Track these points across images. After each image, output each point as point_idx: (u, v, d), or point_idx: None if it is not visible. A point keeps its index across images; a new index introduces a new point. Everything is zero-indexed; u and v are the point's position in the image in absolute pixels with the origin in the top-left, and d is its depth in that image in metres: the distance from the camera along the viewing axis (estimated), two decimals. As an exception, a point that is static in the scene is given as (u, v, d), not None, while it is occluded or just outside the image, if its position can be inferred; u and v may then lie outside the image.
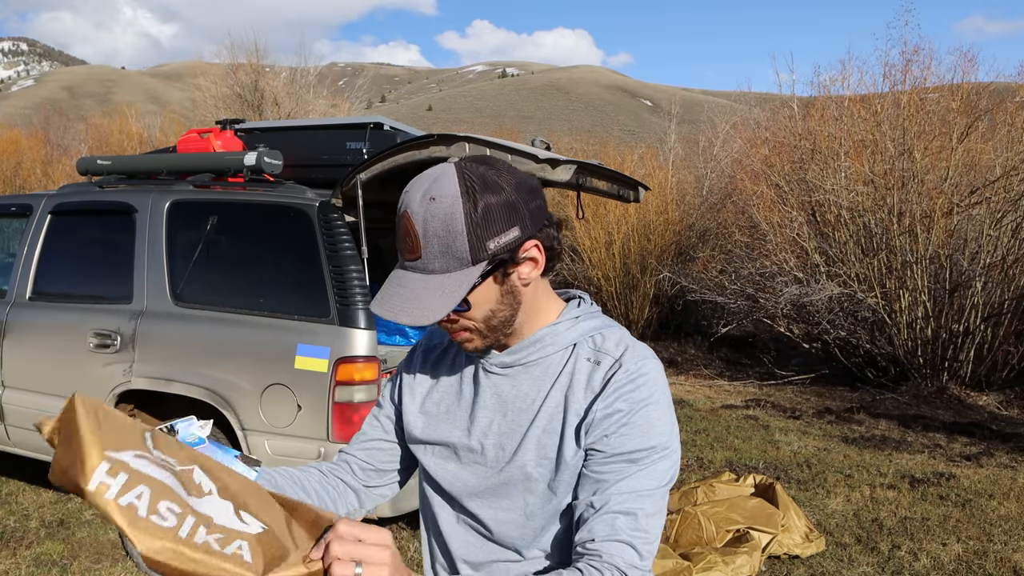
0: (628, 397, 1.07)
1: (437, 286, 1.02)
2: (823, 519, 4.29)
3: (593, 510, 1.04)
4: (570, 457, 1.08)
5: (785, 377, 8.56)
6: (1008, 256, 7.74)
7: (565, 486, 1.09)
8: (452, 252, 1.01)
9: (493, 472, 1.13)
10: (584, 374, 1.11)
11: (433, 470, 1.19)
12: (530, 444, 1.10)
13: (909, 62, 8.70)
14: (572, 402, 1.09)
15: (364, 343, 3.09)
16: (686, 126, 21.24)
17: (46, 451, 3.89)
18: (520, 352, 1.13)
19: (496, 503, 1.14)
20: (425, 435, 1.20)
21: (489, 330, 1.09)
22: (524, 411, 1.12)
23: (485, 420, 1.14)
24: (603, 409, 1.07)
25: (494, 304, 1.07)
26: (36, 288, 3.99)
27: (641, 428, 1.06)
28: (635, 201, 3.78)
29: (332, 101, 22.66)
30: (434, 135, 3.06)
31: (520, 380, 1.14)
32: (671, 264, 10.87)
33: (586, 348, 1.13)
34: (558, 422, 1.10)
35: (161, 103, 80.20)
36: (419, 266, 1.03)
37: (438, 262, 1.01)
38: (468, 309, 1.06)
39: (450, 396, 1.20)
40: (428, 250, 1.01)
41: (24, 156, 21.29)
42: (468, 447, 1.15)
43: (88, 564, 3.65)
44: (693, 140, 16.39)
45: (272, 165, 3.69)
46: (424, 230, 1.00)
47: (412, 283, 1.03)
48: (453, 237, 1.00)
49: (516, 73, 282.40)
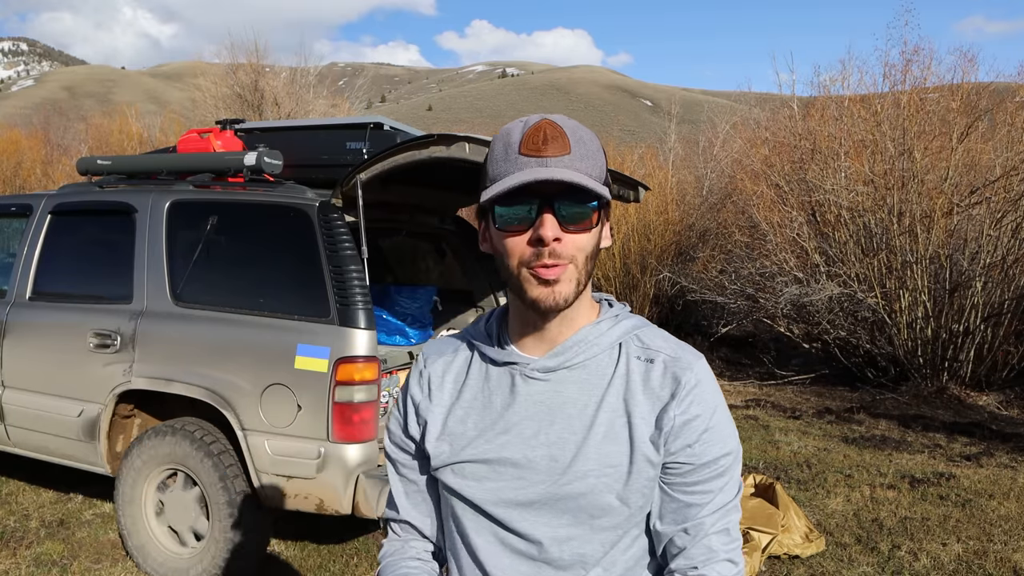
0: (702, 401, 1.04)
1: (588, 180, 0.98)
2: (823, 519, 4.29)
3: (688, 536, 1.04)
4: (644, 466, 1.03)
5: (785, 377, 8.56)
6: (1008, 256, 7.74)
7: (638, 496, 1.04)
8: (596, 160, 1.01)
9: (547, 486, 1.04)
10: (639, 374, 1.06)
11: (467, 491, 1.09)
12: (590, 453, 1.03)
13: (909, 62, 8.71)
14: (635, 406, 1.04)
15: (364, 343, 3.08)
16: (686, 126, 21.24)
17: (46, 451, 3.89)
18: (563, 354, 1.07)
19: (555, 519, 1.05)
20: (453, 457, 1.10)
21: (583, 272, 1.02)
22: (576, 418, 1.05)
23: (529, 430, 1.06)
24: (681, 415, 1.03)
25: (596, 243, 1.03)
26: (36, 288, 3.98)
27: (719, 432, 1.04)
28: (635, 201, 3.78)
29: (332, 101, 22.66)
30: (434, 135, 3.06)
31: (565, 385, 1.07)
32: (671, 264, 10.87)
33: (633, 346, 1.08)
34: (622, 428, 1.04)
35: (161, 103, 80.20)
36: (566, 162, 0.99)
37: (586, 163, 1.00)
38: (596, 225, 1.02)
39: (476, 411, 1.10)
40: (578, 149, 1.00)
41: (24, 156, 21.27)
42: (511, 461, 1.06)
43: (88, 564, 3.65)
44: (693, 140, 16.39)
45: (272, 165, 3.68)
46: (573, 132, 1.00)
47: (565, 172, 0.97)
48: (596, 147, 1.03)
49: (516, 73, 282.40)
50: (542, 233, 0.97)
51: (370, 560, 3.74)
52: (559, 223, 0.99)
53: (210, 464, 3.29)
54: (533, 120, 1.01)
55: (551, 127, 0.99)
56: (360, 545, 3.91)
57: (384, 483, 3.07)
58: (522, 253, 1.00)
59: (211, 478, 3.29)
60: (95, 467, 3.71)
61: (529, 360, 1.08)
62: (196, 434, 3.36)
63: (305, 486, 3.15)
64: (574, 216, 0.99)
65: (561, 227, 0.99)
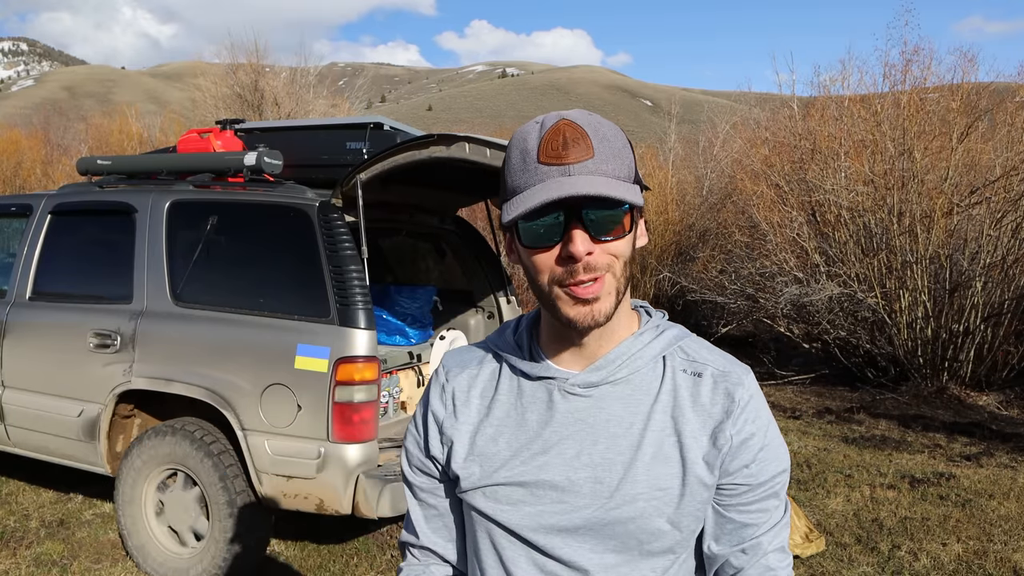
0: (757, 418, 1.00)
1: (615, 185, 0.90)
2: (823, 519, 4.29)
3: (746, 556, 1.02)
4: (698, 487, 0.98)
5: (785, 377, 8.56)
6: (1008, 256, 7.74)
7: (691, 519, 0.99)
8: (622, 157, 0.93)
9: (593, 510, 0.97)
10: (687, 389, 1.00)
11: (502, 517, 1.01)
12: (639, 475, 0.97)
13: (909, 62, 8.71)
14: (684, 424, 0.98)
15: (364, 343, 3.09)
16: (686, 126, 21.25)
17: (46, 451, 3.89)
18: (605, 368, 0.99)
19: (601, 545, 0.98)
20: (485, 480, 1.02)
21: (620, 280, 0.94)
22: (622, 437, 0.98)
23: (571, 450, 0.98)
24: (737, 434, 0.98)
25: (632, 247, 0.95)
26: (36, 288, 3.99)
27: (774, 450, 1.01)
28: (635, 201, 3.77)
29: (332, 101, 22.66)
30: (434, 135, 3.06)
31: (607, 402, 0.99)
32: (671, 264, 10.87)
33: (678, 359, 1.02)
34: (672, 448, 0.98)
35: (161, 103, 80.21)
36: (589, 167, 0.90)
37: (611, 164, 0.91)
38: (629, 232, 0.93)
39: (509, 428, 1.02)
40: (602, 150, 0.91)
41: (24, 156, 21.28)
42: (551, 484, 0.98)
43: (88, 564, 3.65)
44: (693, 140, 16.41)
45: (272, 165, 3.68)
46: (595, 131, 0.92)
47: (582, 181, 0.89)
48: (622, 143, 0.94)
49: (516, 73, 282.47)
50: (572, 250, 0.90)
51: (370, 560, 3.74)
52: (589, 234, 0.91)
53: (210, 464, 3.30)
54: (550, 121, 0.92)
55: (570, 128, 0.91)
56: (360, 545, 3.91)
57: (384, 483, 3.07)
58: (552, 270, 0.93)
59: (211, 478, 3.30)
60: (95, 467, 3.71)
61: (568, 375, 1.00)
62: (196, 434, 3.36)
63: (305, 486, 3.15)
64: (605, 224, 0.91)
65: (592, 238, 0.91)
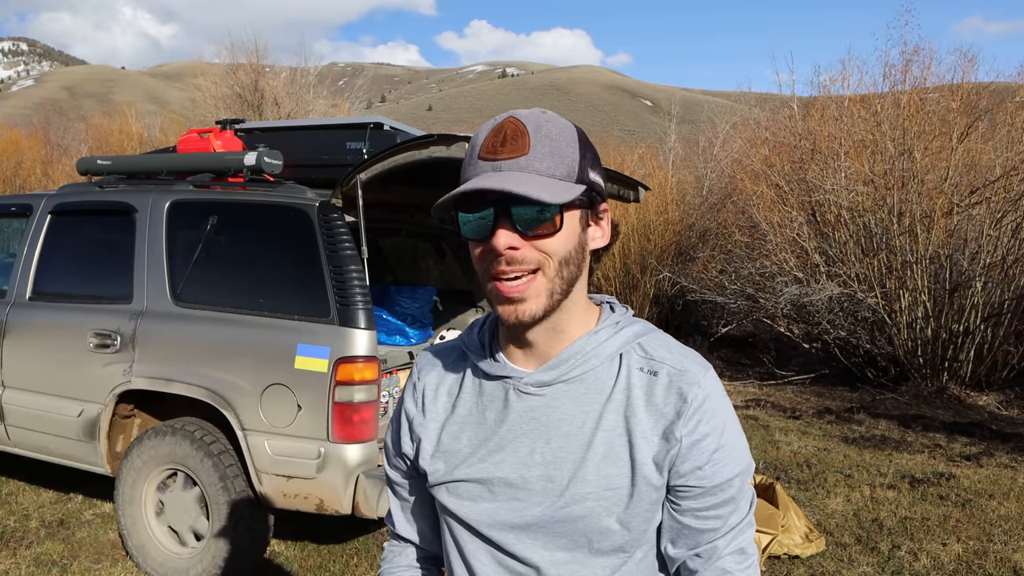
0: (711, 419, 0.97)
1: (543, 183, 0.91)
2: (823, 519, 4.29)
3: (701, 559, 1.00)
4: (646, 488, 0.97)
5: (785, 377, 8.56)
6: (1008, 256, 7.74)
7: (641, 520, 0.98)
8: (562, 156, 0.93)
9: (543, 508, 0.99)
10: (641, 388, 0.99)
11: (463, 513, 1.04)
12: (588, 475, 0.97)
13: (909, 62, 8.71)
14: (636, 424, 0.97)
15: (364, 343, 3.08)
16: (686, 126, 21.24)
17: (46, 451, 3.89)
18: (559, 367, 1.00)
19: (552, 542, 1.00)
20: (447, 476, 1.05)
21: (559, 280, 0.95)
22: (574, 436, 0.98)
23: (525, 448, 1.00)
24: (689, 435, 0.96)
25: (573, 246, 0.95)
26: (36, 288, 3.98)
27: (730, 451, 0.98)
28: (635, 201, 3.78)
29: (332, 101, 22.66)
30: (434, 135, 3.06)
31: (561, 400, 1.00)
32: (671, 264, 10.87)
33: (635, 357, 1.01)
34: (623, 447, 0.97)
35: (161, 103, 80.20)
36: (520, 164, 0.92)
37: (546, 162, 0.92)
38: (560, 230, 0.93)
39: (470, 426, 1.05)
40: (538, 147, 0.92)
41: (24, 156, 21.29)
42: (505, 481, 1.00)
43: (88, 564, 3.65)
44: (693, 140, 16.40)
45: (272, 165, 3.68)
46: (537, 129, 0.93)
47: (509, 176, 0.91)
48: (565, 142, 0.94)
49: (516, 73, 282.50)
50: (493, 243, 0.92)
51: (370, 560, 3.74)
52: (517, 230, 0.92)
53: (210, 464, 3.30)
54: (501, 118, 0.96)
55: (513, 125, 0.93)
56: (360, 545, 3.91)
57: (383, 483, 3.07)
58: (484, 263, 0.95)
59: (211, 478, 3.30)
60: (95, 467, 3.71)
61: (523, 374, 1.01)
62: (196, 434, 3.36)
63: (305, 486, 3.15)
64: (531, 221, 0.91)
65: (521, 235, 0.92)
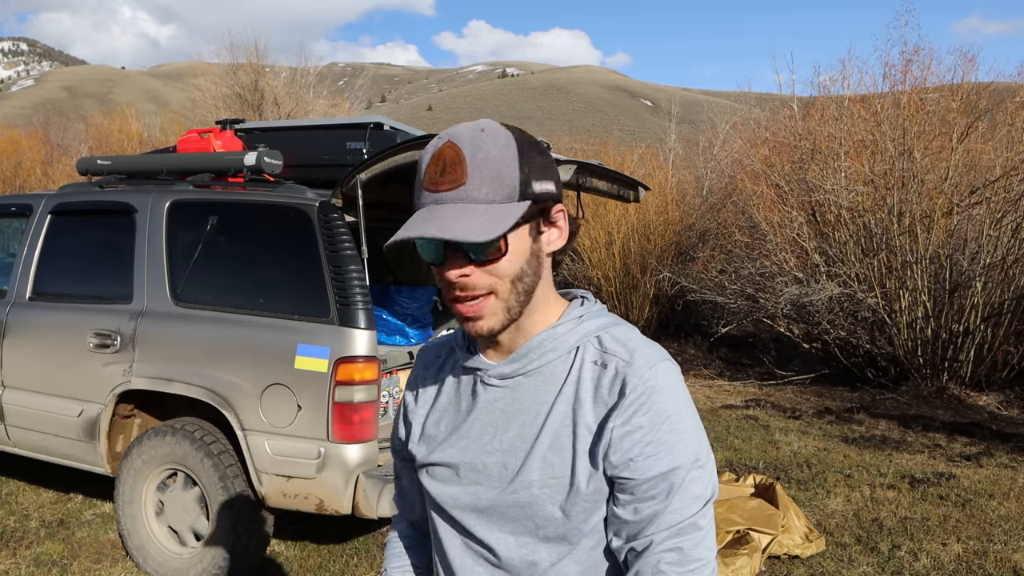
0: (648, 410, 0.96)
1: (482, 213, 0.92)
2: (823, 519, 4.29)
3: (635, 553, 0.98)
4: (584, 480, 0.99)
5: (785, 377, 8.56)
6: (1008, 256, 7.74)
7: (580, 510, 1.00)
8: (502, 179, 0.94)
9: (497, 492, 1.03)
10: (590, 380, 1.01)
11: (436, 494, 1.10)
12: (535, 463, 1.01)
13: (909, 62, 8.70)
14: (581, 415, 1.00)
15: (364, 343, 3.09)
16: (686, 126, 21.25)
17: (46, 451, 3.89)
18: (518, 361, 1.04)
19: (505, 526, 1.04)
20: (427, 459, 1.11)
21: (513, 297, 0.98)
22: (528, 426, 1.02)
23: (487, 435, 1.05)
24: (621, 426, 0.96)
25: (524, 261, 0.98)
26: (36, 288, 3.98)
27: (668, 445, 0.96)
28: (635, 201, 3.78)
29: (332, 101, 22.68)
30: (434, 135, 3.06)
31: (521, 392, 1.04)
32: (671, 264, 10.86)
33: (591, 350, 1.03)
34: (567, 438, 1.00)
35: (161, 103, 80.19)
36: (460, 195, 0.93)
37: (485, 188, 0.94)
38: (506, 254, 0.96)
39: (448, 414, 1.11)
40: (476, 175, 0.93)
41: (24, 156, 21.30)
42: (469, 465, 1.06)
43: (88, 564, 3.65)
44: (693, 140, 16.39)
45: (272, 165, 3.68)
46: (474, 154, 0.94)
47: (449, 211, 0.93)
48: (505, 163, 0.94)
49: (516, 73, 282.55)
50: (446, 274, 0.97)
51: (370, 560, 3.74)
52: (468, 258, 0.96)
53: (210, 464, 3.30)
54: (440, 141, 0.97)
55: (451, 152, 0.95)
56: (360, 545, 3.91)
57: (384, 483, 3.08)
58: (442, 285, 0.99)
59: (211, 478, 3.30)
60: (95, 467, 3.71)
61: (489, 366, 1.06)
62: (196, 434, 3.36)
63: (305, 486, 3.15)
64: (478, 249, 0.95)
65: (470, 262, 0.96)
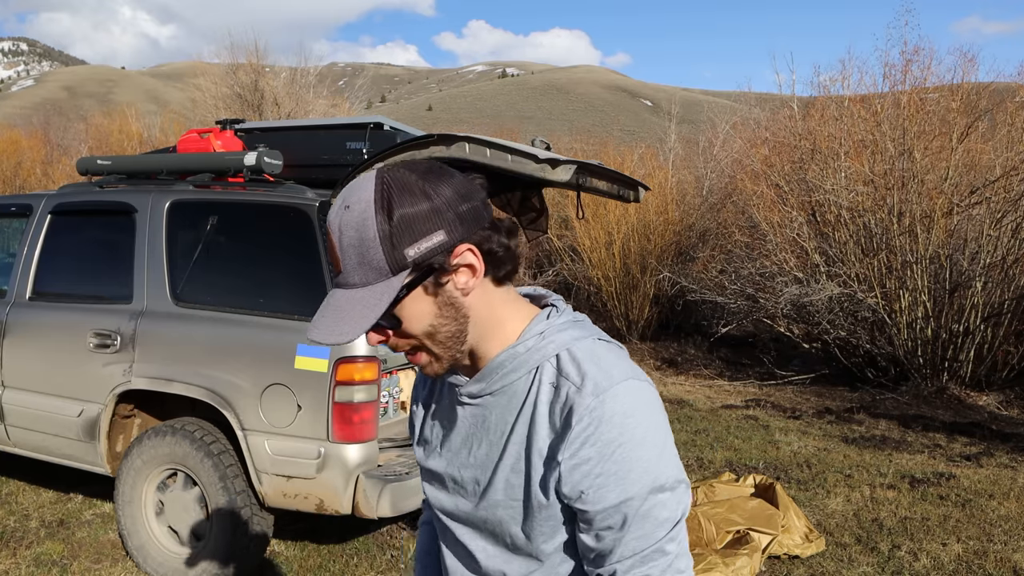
0: (595, 441, 0.94)
1: (359, 300, 0.94)
2: (823, 519, 4.29)
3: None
4: (538, 506, 1.00)
5: (785, 377, 8.56)
6: (1008, 256, 7.74)
7: (539, 532, 1.01)
8: (368, 262, 0.93)
9: (471, 507, 1.07)
10: (546, 404, 0.99)
11: (430, 497, 1.15)
12: (499, 483, 1.02)
13: (909, 62, 8.71)
14: (536, 440, 0.99)
15: (364, 343, 3.09)
16: (686, 126, 21.25)
17: (46, 451, 3.89)
18: (483, 381, 1.04)
19: (483, 537, 1.08)
20: (423, 464, 1.16)
21: (439, 347, 0.99)
22: (495, 445, 1.03)
23: (464, 451, 1.08)
24: (569, 459, 0.95)
25: (433, 318, 0.97)
26: (36, 288, 3.98)
27: (618, 476, 0.94)
28: (635, 201, 3.77)
29: (332, 101, 22.67)
30: (434, 135, 3.05)
31: (491, 410, 1.05)
32: (671, 264, 10.86)
33: (549, 370, 1.00)
34: (523, 462, 1.01)
35: (161, 103, 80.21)
36: (341, 281, 0.96)
37: (356, 275, 0.94)
38: (399, 325, 0.98)
39: (439, 424, 1.14)
40: (346, 263, 0.95)
41: (24, 156, 21.30)
42: (451, 477, 1.10)
43: (88, 564, 3.65)
44: (693, 140, 16.39)
45: (272, 165, 3.68)
46: (340, 241, 0.94)
47: (337, 300, 0.96)
48: (366, 246, 0.93)
49: (516, 73, 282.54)
50: (369, 342, 1.01)
51: (370, 560, 3.74)
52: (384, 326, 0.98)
53: (210, 464, 3.30)
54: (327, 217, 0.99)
55: (328, 238, 0.97)
56: (360, 545, 3.91)
57: (384, 483, 3.09)
58: None
59: (211, 478, 3.30)
60: (95, 467, 3.71)
61: (463, 383, 1.07)
62: (196, 434, 3.36)
63: (305, 486, 3.15)
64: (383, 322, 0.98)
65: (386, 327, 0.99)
